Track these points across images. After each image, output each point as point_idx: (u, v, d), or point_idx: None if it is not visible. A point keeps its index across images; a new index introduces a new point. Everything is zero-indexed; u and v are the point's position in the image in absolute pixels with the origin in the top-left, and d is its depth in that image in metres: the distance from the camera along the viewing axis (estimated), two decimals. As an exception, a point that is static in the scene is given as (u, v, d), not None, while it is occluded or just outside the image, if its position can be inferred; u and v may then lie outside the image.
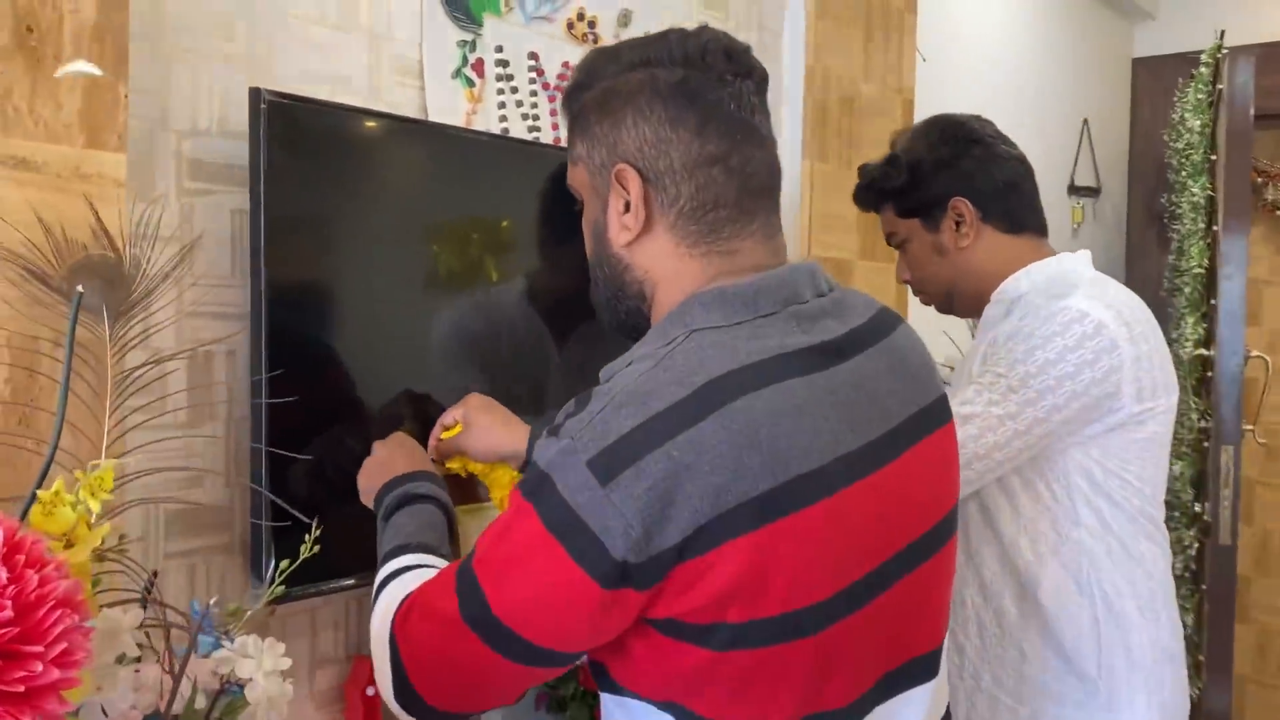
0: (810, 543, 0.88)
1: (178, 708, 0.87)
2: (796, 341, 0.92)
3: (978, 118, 1.65)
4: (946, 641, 1.08)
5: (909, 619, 1.00)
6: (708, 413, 0.85)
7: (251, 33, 1.31)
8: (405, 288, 1.37)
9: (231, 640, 0.95)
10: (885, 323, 1.03)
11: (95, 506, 0.74)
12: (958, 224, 1.58)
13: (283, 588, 1.05)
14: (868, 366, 0.97)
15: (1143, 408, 1.47)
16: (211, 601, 0.97)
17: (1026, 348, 1.46)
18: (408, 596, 0.96)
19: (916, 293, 1.71)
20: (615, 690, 0.95)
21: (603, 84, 0.98)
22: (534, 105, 1.65)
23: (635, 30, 1.83)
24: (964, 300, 1.64)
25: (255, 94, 1.21)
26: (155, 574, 1.01)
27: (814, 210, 2.08)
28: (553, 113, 1.69)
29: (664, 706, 0.91)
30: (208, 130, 1.27)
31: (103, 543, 0.80)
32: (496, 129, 1.59)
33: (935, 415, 1.03)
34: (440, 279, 1.40)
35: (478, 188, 1.42)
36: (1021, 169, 1.61)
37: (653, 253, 0.97)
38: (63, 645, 0.68)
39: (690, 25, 1.01)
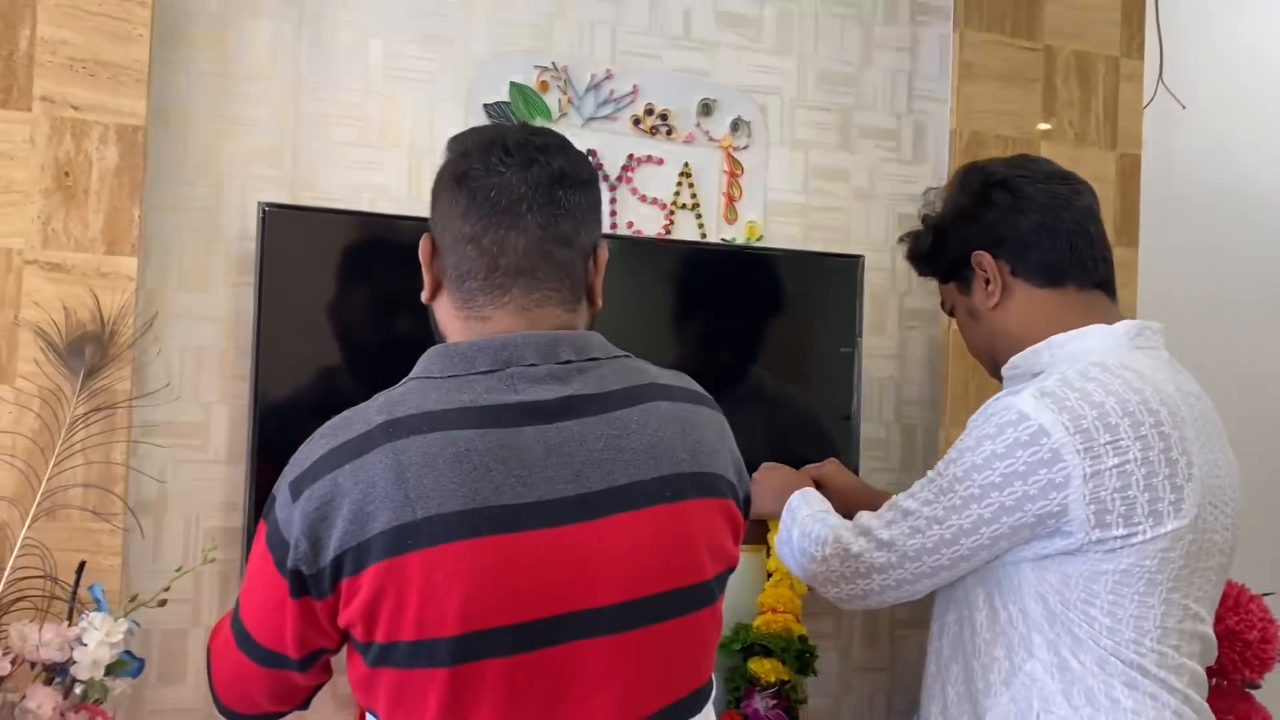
0: (440, 578, 0.95)
1: None
2: (496, 398, 1.01)
3: (1022, 156, 1.50)
4: None
5: (589, 685, 1.00)
6: (373, 448, 0.98)
7: (296, 157, 1.67)
8: (383, 359, 1.62)
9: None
10: (634, 398, 1.06)
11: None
12: (987, 282, 1.43)
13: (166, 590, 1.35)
14: (576, 431, 1.02)
15: (1107, 535, 1.22)
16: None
17: (960, 446, 1.31)
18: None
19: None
20: None
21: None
22: (589, 197, 1.82)
23: (716, 122, 1.91)
24: None
25: (259, 206, 1.57)
26: (83, 563, 1.35)
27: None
28: (613, 200, 1.84)
29: (369, 711, 1.04)
30: (254, 236, 1.65)
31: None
32: (540, 220, 1.78)
33: (657, 492, 1.03)
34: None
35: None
36: (1057, 208, 1.39)
37: (442, 311, 1.12)
38: None
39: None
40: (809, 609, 1.95)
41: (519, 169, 1.07)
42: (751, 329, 1.87)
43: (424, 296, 1.13)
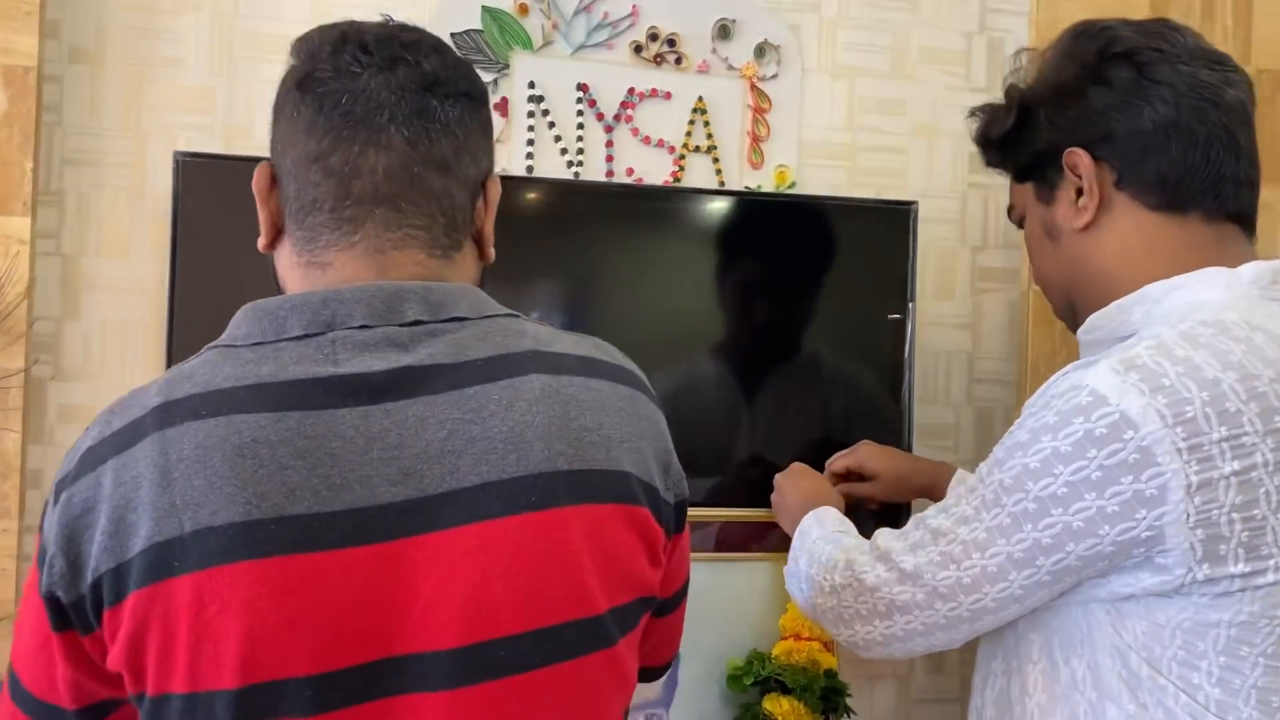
0: (213, 612, 0.72)
1: None
2: (304, 371, 0.77)
3: (1160, 23, 1.05)
4: None
5: None
6: (141, 438, 0.75)
7: (230, 102, 1.45)
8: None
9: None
10: (502, 370, 0.79)
11: None
12: (1080, 192, 1.03)
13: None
14: (412, 414, 0.76)
15: (1220, 573, 0.85)
16: None
17: (1010, 442, 0.95)
18: None
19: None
20: None
21: None
22: (580, 140, 1.54)
23: (738, 47, 1.60)
24: (1088, 316, 1.07)
25: (175, 156, 1.35)
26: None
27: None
28: (609, 144, 1.55)
29: None
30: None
31: None
32: (518, 169, 1.52)
33: (517, 497, 0.76)
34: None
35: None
36: (1201, 100, 0.99)
37: (282, 260, 0.88)
38: None
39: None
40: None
41: (380, 70, 0.83)
42: (778, 294, 1.55)
43: (260, 243, 0.88)
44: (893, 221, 1.56)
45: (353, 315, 0.79)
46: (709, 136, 1.59)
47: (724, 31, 1.59)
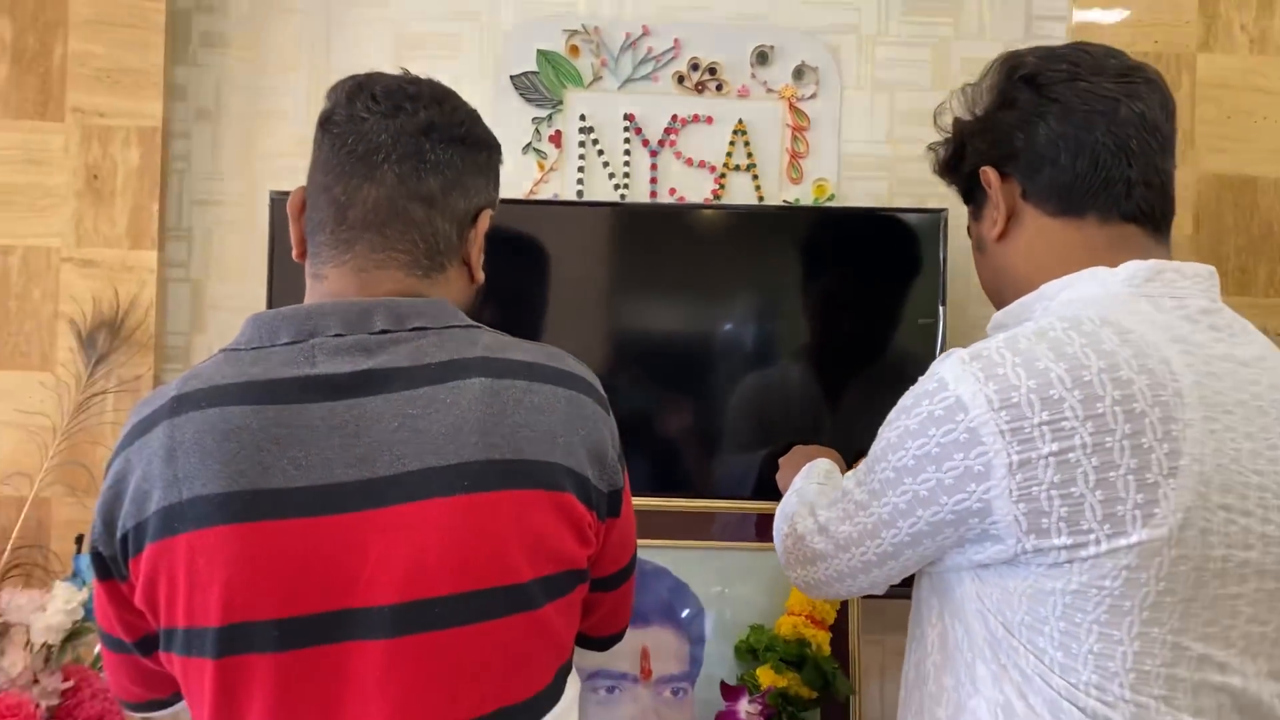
0: (201, 564, 0.93)
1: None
2: (286, 371, 0.96)
3: (1077, 45, 1.13)
4: None
5: (365, 691, 0.93)
6: (158, 423, 0.96)
7: (324, 147, 1.70)
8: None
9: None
10: (451, 372, 0.96)
11: None
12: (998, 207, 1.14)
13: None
14: (370, 409, 0.95)
15: (1046, 544, 0.93)
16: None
17: (885, 420, 1.07)
18: None
19: None
20: None
21: None
22: (626, 165, 1.69)
23: (776, 71, 1.71)
24: None
25: (270, 194, 1.60)
26: (80, 536, 1.45)
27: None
28: (653, 167, 1.70)
29: None
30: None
31: None
32: (570, 194, 1.69)
33: (451, 481, 0.93)
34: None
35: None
36: (1090, 113, 1.07)
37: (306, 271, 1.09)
38: None
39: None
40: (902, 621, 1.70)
41: (383, 117, 1.01)
42: (813, 303, 1.65)
43: (294, 254, 1.08)
44: (925, 228, 1.63)
45: (330, 325, 0.96)
46: (749, 155, 1.71)
47: (762, 58, 1.71)
